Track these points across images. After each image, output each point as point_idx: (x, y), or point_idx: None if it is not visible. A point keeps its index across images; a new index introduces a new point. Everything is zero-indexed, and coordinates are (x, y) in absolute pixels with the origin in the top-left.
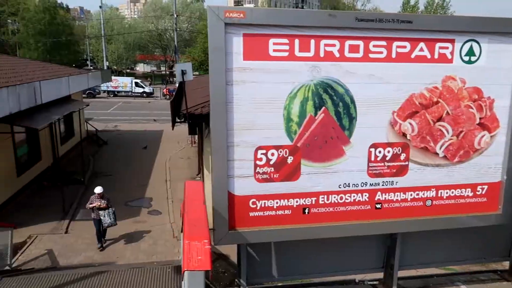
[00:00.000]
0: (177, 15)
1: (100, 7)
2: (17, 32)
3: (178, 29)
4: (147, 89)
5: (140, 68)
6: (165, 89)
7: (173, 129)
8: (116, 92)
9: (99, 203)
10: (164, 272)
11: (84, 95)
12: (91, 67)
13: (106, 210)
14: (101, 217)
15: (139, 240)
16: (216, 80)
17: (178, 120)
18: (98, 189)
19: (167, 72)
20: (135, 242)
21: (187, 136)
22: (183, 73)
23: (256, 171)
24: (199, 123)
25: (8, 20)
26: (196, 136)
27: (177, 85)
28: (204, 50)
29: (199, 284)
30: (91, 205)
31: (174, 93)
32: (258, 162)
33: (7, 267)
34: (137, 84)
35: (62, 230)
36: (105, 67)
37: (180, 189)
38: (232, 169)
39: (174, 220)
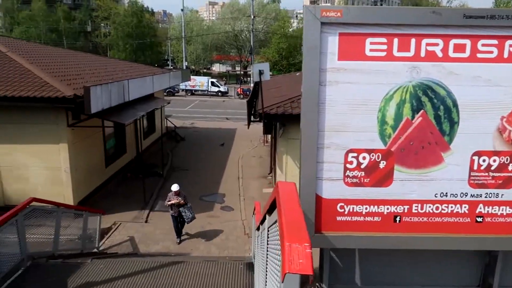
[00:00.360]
0: (253, 17)
1: (182, 10)
2: (108, 35)
3: (254, 30)
4: (222, 88)
5: (216, 68)
6: (239, 89)
7: (248, 128)
8: (193, 91)
9: (177, 200)
10: (236, 267)
11: (164, 93)
12: (172, 67)
13: (185, 206)
14: (182, 213)
15: (212, 235)
16: (309, 80)
17: (253, 119)
18: (174, 187)
19: (242, 72)
20: (208, 236)
21: (259, 135)
22: (260, 73)
23: (346, 174)
24: (273, 123)
25: (101, 24)
26: (269, 135)
27: (251, 85)
28: (278, 51)
29: None
30: (169, 202)
31: (248, 92)
32: (348, 166)
33: (95, 250)
34: (213, 84)
35: (142, 220)
36: (184, 67)
37: (252, 187)
38: (321, 171)
39: (246, 218)
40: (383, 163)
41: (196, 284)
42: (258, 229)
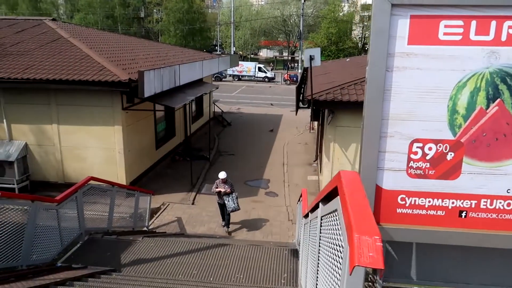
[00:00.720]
0: (304, 0)
1: None
2: (160, 21)
3: (303, 14)
4: (269, 74)
5: (263, 53)
6: (286, 75)
7: (296, 114)
8: (240, 76)
9: (223, 189)
10: (281, 252)
11: (212, 78)
12: (220, 52)
13: (230, 196)
14: (225, 201)
15: (256, 219)
16: (375, 65)
17: (302, 106)
18: (222, 174)
19: (289, 58)
20: (253, 221)
21: (305, 121)
22: (311, 58)
23: (409, 165)
24: (322, 110)
25: (154, 10)
26: (316, 122)
27: (298, 71)
28: (327, 36)
29: (359, 283)
30: (216, 190)
31: (294, 78)
32: (412, 156)
33: (145, 228)
34: (260, 69)
35: (189, 201)
36: (232, 52)
37: (296, 174)
38: (383, 161)
39: (290, 204)
40: (451, 154)
41: (241, 266)
42: (306, 216)
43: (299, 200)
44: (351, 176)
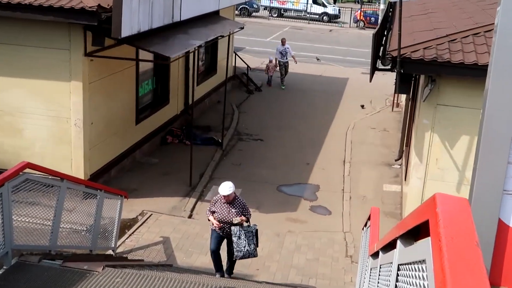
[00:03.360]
0: None
1: None
2: None
3: None
4: (329, 10)
5: None
6: (358, 12)
7: (371, 80)
8: (282, 11)
9: (229, 217)
10: None
11: (236, 12)
12: None
13: (241, 229)
14: (233, 238)
15: (292, 250)
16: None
17: (382, 67)
18: (224, 187)
19: None
20: (286, 253)
21: (385, 93)
22: None
23: None
24: (415, 75)
25: None
26: (403, 96)
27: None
28: None
29: None
30: (208, 216)
31: (373, 19)
32: None
33: (111, 251)
34: (315, 1)
35: (185, 212)
36: None
37: (365, 179)
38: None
39: (350, 229)
40: None
41: None
42: (375, 255)
43: (365, 225)
44: (455, 205)
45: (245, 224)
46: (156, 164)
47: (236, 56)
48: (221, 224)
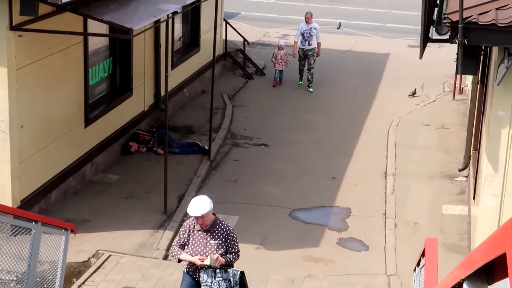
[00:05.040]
0: None
1: None
2: None
3: None
4: None
5: None
6: None
7: (422, 56)
8: None
9: (199, 260)
10: None
11: None
12: None
13: (219, 274)
14: (202, 283)
15: None
16: None
17: (436, 38)
18: (196, 205)
19: None
20: None
21: (444, 74)
22: None
23: None
24: (483, 48)
25: None
26: (468, 78)
27: None
28: None
29: None
30: (179, 256)
31: None
32: None
33: None
34: None
35: (158, 252)
36: None
37: (416, 198)
38: None
39: (396, 271)
40: None
41: None
42: None
43: (418, 264)
44: None
45: (219, 264)
46: (116, 183)
47: (228, 25)
48: (201, 259)
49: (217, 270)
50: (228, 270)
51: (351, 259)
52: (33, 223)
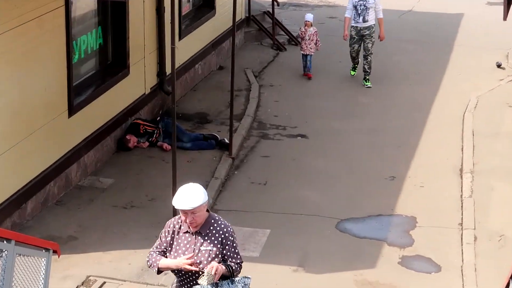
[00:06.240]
0: None
1: None
2: None
3: None
4: None
5: None
6: None
7: (505, 17)
8: None
9: (187, 263)
10: None
11: None
12: None
13: (219, 286)
14: None
15: None
16: None
17: None
18: (182, 196)
19: None
20: None
21: None
22: None
23: None
24: None
25: None
26: None
27: None
28: None
29: None
30: (156, 262)
31: None
32: None
33: None
34: None
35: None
36: None
37: (502, 202)
38: None
39: None
40: None
41: None
42: None
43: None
44: None
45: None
46: (111, 189)
47: None
48: (191, 265)
49: (221, 283)
50: (235, 279)
51: (417, 283)
52: (4, 242)
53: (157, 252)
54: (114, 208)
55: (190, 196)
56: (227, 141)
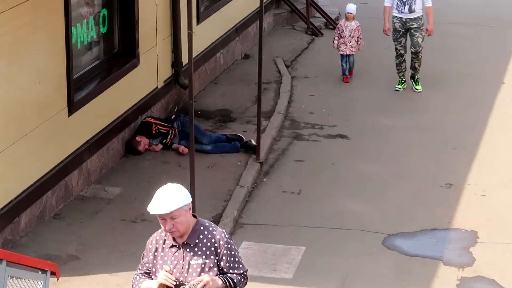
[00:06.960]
0: None
1: None
2: None
3: None
4: None
5: None
6: None
7: None
8: None
9: (163, 277)
10: None
11: None
12: None
13: None
14: None
15: None
16: None
17: None
18: (160, 199)
19: None
20: None
21: None
22: None
23: None
24: None
25: None
26: None
27: None
28: None
29: None
30: (137, 286)
31: None
32: None
33: None
34: None
35: None
36: None
37: None
38: None
39: None
40: None
41: None
42: None
43: None
44: None
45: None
46: (118, 200)
47: None
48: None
49: None
50: None
51: None
52: None
53: (141, 274)
54: (122, 222)
55: (167, 198)
56: (254, 142)
